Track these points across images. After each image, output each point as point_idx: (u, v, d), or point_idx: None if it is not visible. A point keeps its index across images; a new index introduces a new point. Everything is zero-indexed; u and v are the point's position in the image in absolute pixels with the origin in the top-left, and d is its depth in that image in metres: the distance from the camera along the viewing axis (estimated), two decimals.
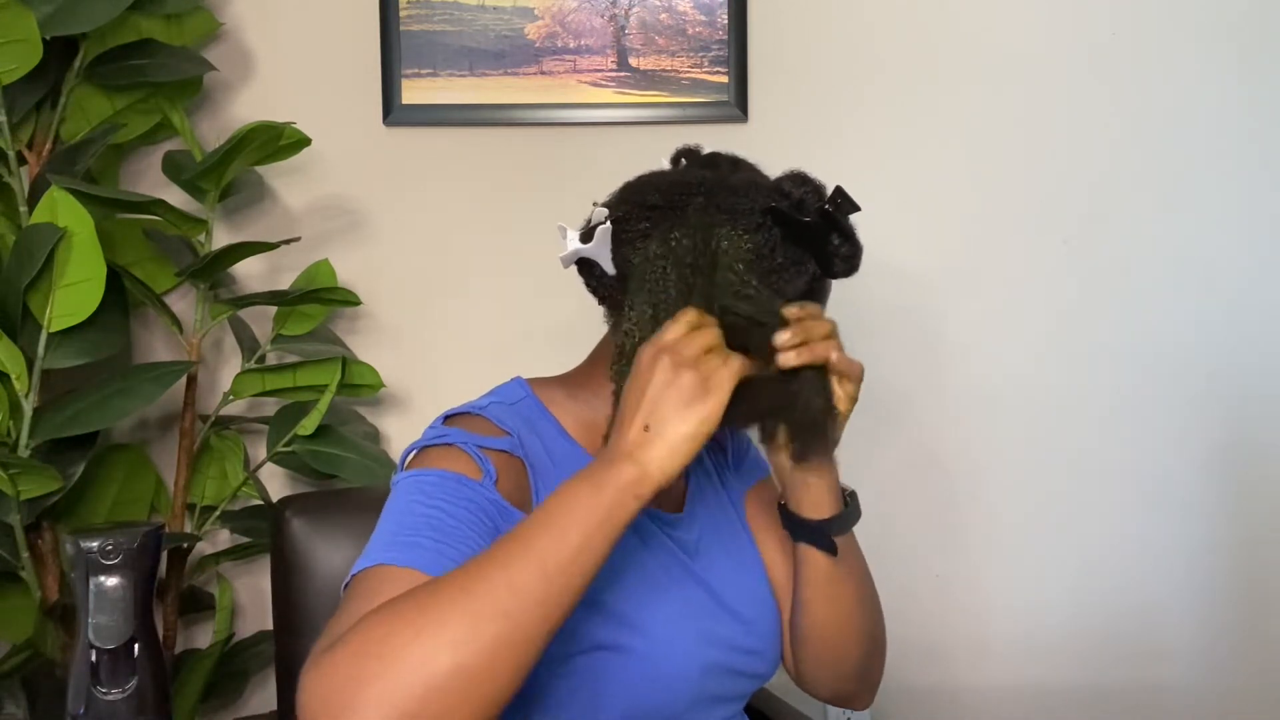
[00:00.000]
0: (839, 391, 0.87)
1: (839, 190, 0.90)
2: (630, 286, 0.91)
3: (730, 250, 0.88)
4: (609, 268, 0.94)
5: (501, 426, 0.92)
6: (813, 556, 0.97)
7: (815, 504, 0.94)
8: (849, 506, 0.96)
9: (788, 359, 0.84)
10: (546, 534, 0.73)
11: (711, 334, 0.80)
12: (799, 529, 0.96)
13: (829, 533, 0.95)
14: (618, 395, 0.88)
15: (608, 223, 0.93)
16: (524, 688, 0.73)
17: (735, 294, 0.87)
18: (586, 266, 0.97)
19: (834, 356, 0.85)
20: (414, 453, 0.92)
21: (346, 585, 0.80)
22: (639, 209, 0.93)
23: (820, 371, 0.86)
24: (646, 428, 0.77)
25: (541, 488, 0.91)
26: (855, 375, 0.87)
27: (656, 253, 0.89)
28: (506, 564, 0.72)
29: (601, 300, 0.98)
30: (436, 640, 0.68)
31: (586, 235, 0.95)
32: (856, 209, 0.90)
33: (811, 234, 0.91)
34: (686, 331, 0.80)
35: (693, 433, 0.77)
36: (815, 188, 0.93)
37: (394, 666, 0.67)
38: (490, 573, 0.71)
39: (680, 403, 0.77)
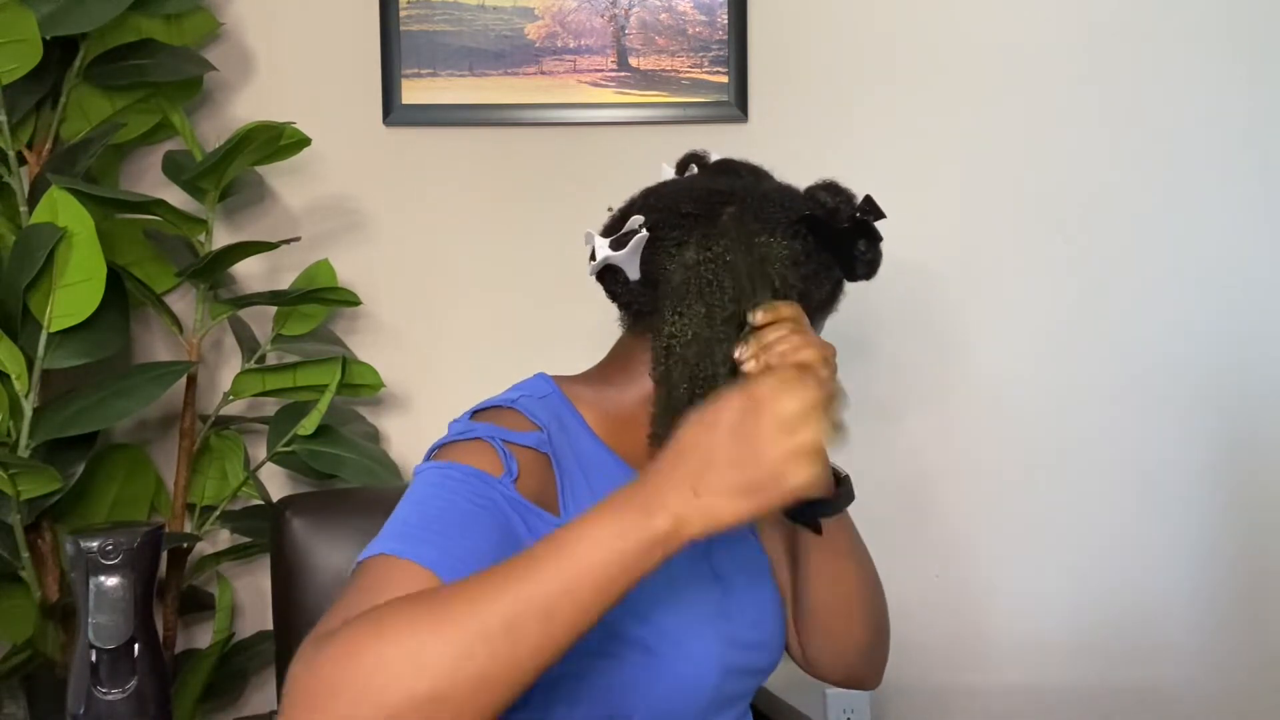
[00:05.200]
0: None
1: (868, 199, 0.95)
2: (671, 291, 0.92)
3: (771, 257, 0.91)
4: (634, 274, 0.94)
5: (534, 420, 0.92)
6: (809, 535, 0.98)
7: None
8: (842, 488, 0.97)
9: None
10: (558, 576, 0.68)
11: (824, 388, 0.70)
12: (790, 509, 0.92)
13: (817, 515, 0.95)
14: (663, 395, 0.91)
15: (644, 230, 0.93)
16: (544, 683, 0.72)
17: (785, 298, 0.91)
18: (609, 273, 0.96)
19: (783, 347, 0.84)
20: (440, 447, 0.92)
21: (355, 567, 0.80)
22: (673, 216, 0.94)
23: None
24: (696, 493, 0.68)
25: (566, 485, 0.91)
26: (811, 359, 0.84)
27: (702, 259, 0.91)
28: (512, 599, 0.67)
29: (624, 306, 0.98)
30: (419, 663, 0.65)
31: (619, 243, 0.94)
32: (883, 216, 0.94)
33: (842, 240, 0.94)
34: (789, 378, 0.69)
35: (741, 519, 0.69)
36: (847, 197, 0.96)
37: (372, 680, 0.66)
38: (491, 606, 0.67)
39: (741, 490, 0.68)
